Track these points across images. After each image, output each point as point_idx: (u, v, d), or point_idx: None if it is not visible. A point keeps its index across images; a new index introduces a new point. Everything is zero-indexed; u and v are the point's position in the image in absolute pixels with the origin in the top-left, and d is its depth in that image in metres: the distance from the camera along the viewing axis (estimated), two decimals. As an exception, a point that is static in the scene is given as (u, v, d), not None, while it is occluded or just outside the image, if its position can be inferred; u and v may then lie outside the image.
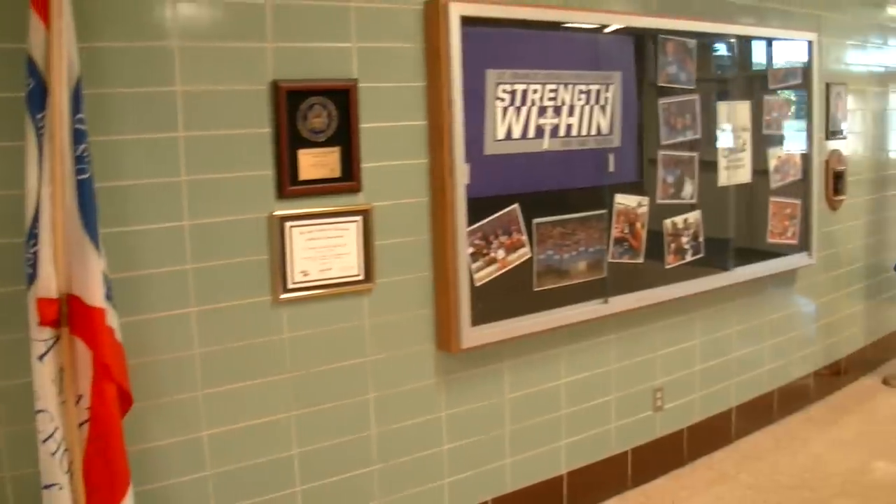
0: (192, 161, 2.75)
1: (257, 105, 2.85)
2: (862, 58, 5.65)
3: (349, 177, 3.00)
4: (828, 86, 5.17)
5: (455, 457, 3.47)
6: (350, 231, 3.02)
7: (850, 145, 5.53)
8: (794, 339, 5.16)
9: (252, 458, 2.97)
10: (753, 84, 4.48)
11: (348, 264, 3.01)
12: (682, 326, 4.35)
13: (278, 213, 2.92)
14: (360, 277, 3.06)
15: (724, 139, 4.33)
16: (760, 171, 4.57)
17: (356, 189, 3.04)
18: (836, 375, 5.64)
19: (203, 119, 2.75)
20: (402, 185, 3.22)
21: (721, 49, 4.31)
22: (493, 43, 3.30)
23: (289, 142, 2.85)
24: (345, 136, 2.97)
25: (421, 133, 3.21)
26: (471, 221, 3.28)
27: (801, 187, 4.83)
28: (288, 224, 2.88)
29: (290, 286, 2.91)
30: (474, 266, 3.31)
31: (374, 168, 3.12)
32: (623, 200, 3.81)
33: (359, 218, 3.03)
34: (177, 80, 2.69)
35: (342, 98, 2.95)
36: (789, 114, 4.67)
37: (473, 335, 3.31)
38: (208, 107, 2.76)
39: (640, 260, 3.92)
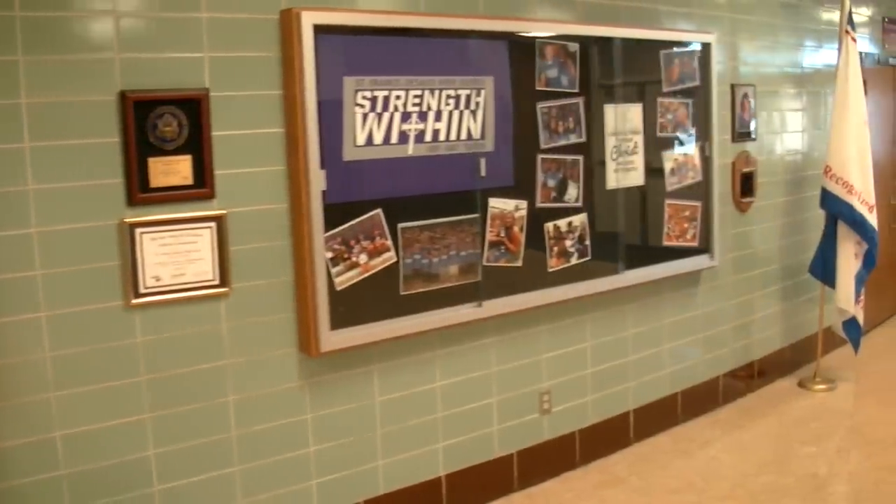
0: (40, 170, 3.01)
1: (106, 115, 3.12)
2: (774, 59, 5.99)
3: (202, 184, 3.28)
4: (733, 87, 5.44)
5: (323, 458, 3.76)
6: (203, 237, 3.30)
7: (762, 147, 5.86)
8: (699, 342, 5.49)
9: (108, 458, 3.22)
10: (646, 87, 4.77)
11: (202, 269, 3.29)
12: (570, 329, 4.66)
13: (128, 219, 3.18)
14: (216, 282, 3.33)
15: (613, 142, 4.59)
16: (656, 173, 4.82)
17: (209, 196, 3.31)
18: (750, 378, 5.98)
19: (50, 129, 3.01)
20: (259, 191, 3.49)
21: (610, 52, 4.58)
22: (351, 50, 3.58)
23: (138, 150, 3.12)
24: (196, 144, 3.25)
25: (278, 140, 3.49)
26: (330, 226, 3.56)
27: (701, 189, 5.09)
28: (138, 230, 3.16)
29: (142, 291, 3.19)
30: (334, 270, 3.60)
31: (230, 175, 3.39)
32: (498, 204, 4.11)
33: (212, 224, 3.31)
34: (21, 93, 2.95)
35: (193, 107, 3.22)
36: (687, 116, 4.95)
37: (334, 339, 3.59)
38: (55, 117, 3.02)
39: (519, 263, 4.22)
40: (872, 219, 5.70)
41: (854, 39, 5.68)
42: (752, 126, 5.67)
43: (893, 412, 5.58)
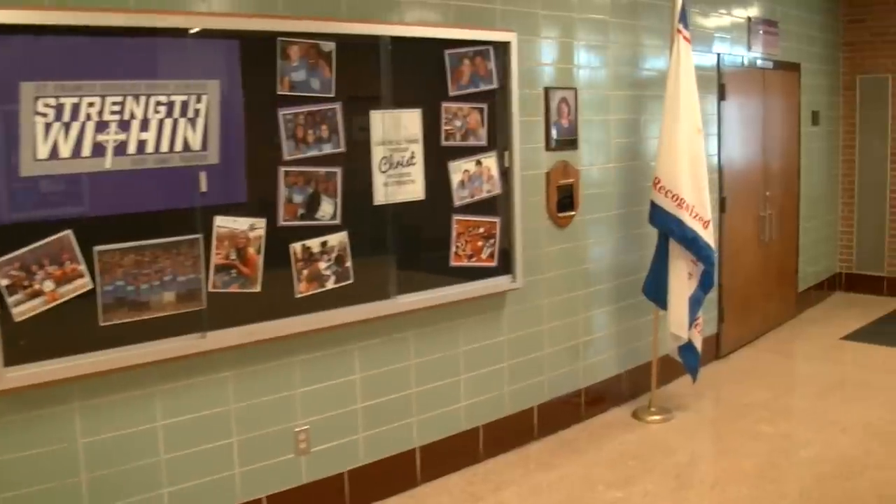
0: None
1: None
2: (604, 60, 6.02)
3: None
4: (548, 91, 5.41)
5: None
6: None
7: (587, 156, 5.89)
8: (506, 370, 5.50)
9: None
10: (428, 90, 4.71)
11: None
12: (333, 360, 4.64)
13: None
14: None
15: (382, 152, 4.55)
16: (441, 186, 4.84)
17: None
18: (577, 407, 6.02)
19: None
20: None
21: (378, 51, 4.54)
22: (30, 53, 3.46)
23: None
24: None
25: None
26: (5, 250, 3.43)
27: (500, 203, 5.07)
28: None
29: None
30: (12, 300, 3.50)
31: None
32: (226, 223, 4.02)
33: None
34: None
35: None
36: (481, 122, 4.91)
37: (11, 376, 3.48)
38: None
39: (257, 289, 4.14)
40: (708, 235, 5.71)
41: (687, 39, 5.69)
42: (574, 133, 5.55)
43: (724, 447, 5.66)
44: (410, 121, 4.63)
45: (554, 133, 5.50)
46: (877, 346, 7.91)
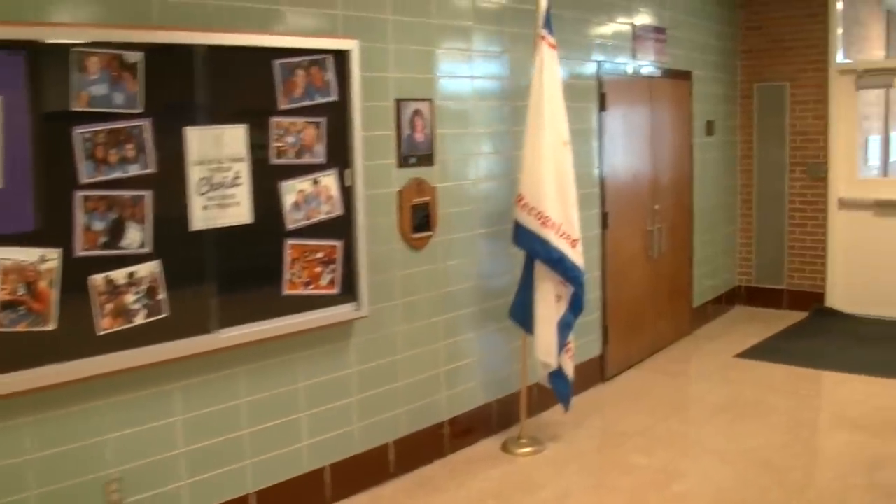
0: None
1: None
2: (466, 69, 5.86)
3: None
4: (399, 103, 5.15)
5: None
6: None
7: (447, 172, 5.70)
8: (356, 405, 5.27)
9: None
10: (255, 103, 4.42)
11: None
12: (148, 401, 4.34)
13: None
14: None
15: (200, 173, 4.27)
16: (272, 208, 4.60)
17: None
18: (440, 441, 5.82)
19: None
20: None
21: (192, 63, 4.26)
22: None
23: None
24: None
25: None
26: None
27: (342, 226, 4.82)
28: None
29: None
30: None
31: None
32: (11, 255, 3.70)
33: None
34: None
35: None
36: (318, 138, 4.63)
37: None
38: None
39: (52, 326, 3.80)
40: (576, 255, 5.51)
41: (552, 45, 5.48)
42: (430, 148, 5.31)
43: (593, 482, 5.51)
44: (234, 137, 4.34)
45: (406, 148, 5.15)
46: (770, 364, 7.88)
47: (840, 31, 9.34)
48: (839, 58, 9.34)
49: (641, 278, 7.71)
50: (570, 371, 5.78)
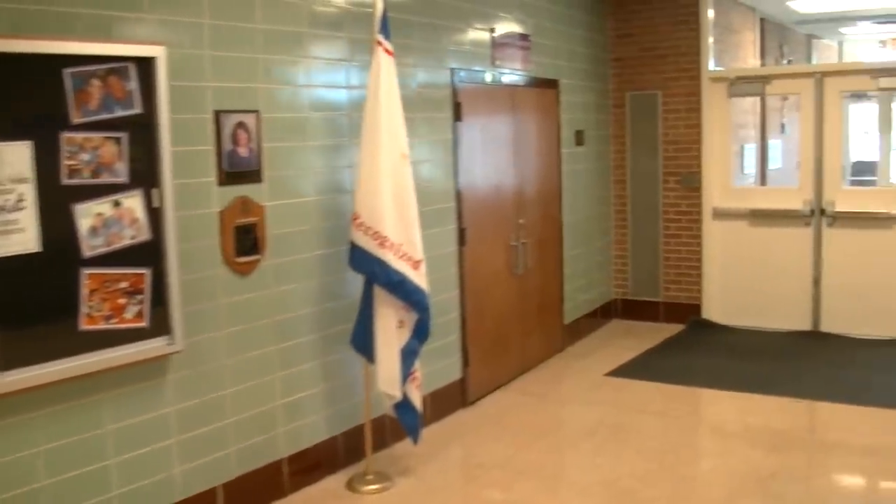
0: None
1: None
2: (298, 78, 5.51)
3: None
4: (219, 115, 4.76)
5: None
6: None
7: (278, 189, 5.32)
8: (174, 448, 4.83)
9: None
10: (41, 118, 3.93)
11: None
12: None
13: None
14: None
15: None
16: (65, 234, 4.17)
17: None
18: (277, 481, 5.43)
19: None
20: None
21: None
22: None
23: None
24: None
25: None
26: None
27: (150, 252, 4.42)
28: None
29: None
30: None
31: None
32: None
33: None
34: None
35: None
36: (119, 155, 4.16)
37: None
38: None
39: None
40: (419, 278, 5.13)
41: (389, 52, 5.12)
42: (257, 164, 5.02)
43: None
44: (15, 156, 3.88)
45: (228, 164, 4.70)
46: (641, 383, 7.68)
47: (711, 38, 9.14)
48: (711, 65, 9.13)
49: (506, 296, 7.38)
50: (417, 401, 5.43)
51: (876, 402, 6.81)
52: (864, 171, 14.95)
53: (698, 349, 8.70)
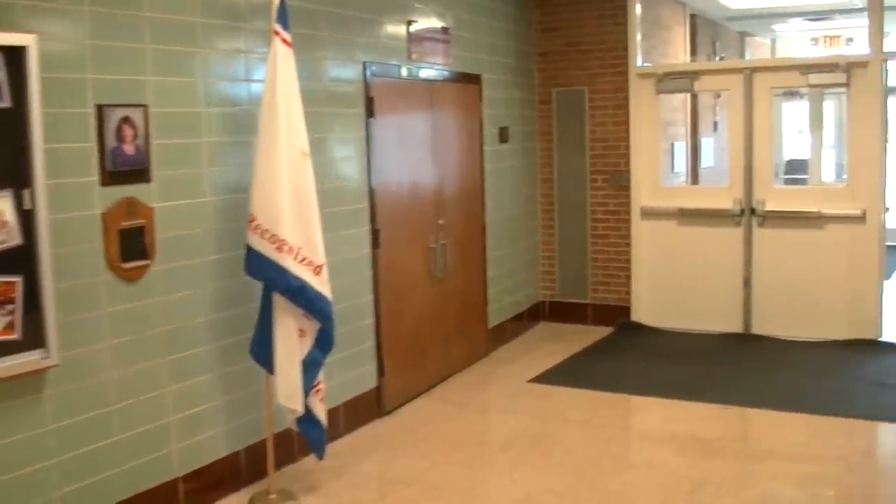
0: None
1: None
2: (194, 71, 5.18)
3: None
4: (101, 109, 4.57)
5: None
6: None
7: (167, 190, 4.99)
8: (55, 469, 4.48)
9: None
10: None
11: None
12: None
13: None
14: None
15: None
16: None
17: None
18: (171, 500, 5.12)
19: None
20: None
21: None
22: None
23: None
24: None
25: None
26: None
27: (22, 258, 4.17)
28: None
29: None
30: None
31: None
32: None
33: None
34: None
35: None
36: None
37: None
38: None
39: None
40: (321, 284, 4.84)
41: (287, 42, 4.83)
42: (145, 162, 4.81)
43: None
44: None
45: (111, 163, 4.38)
46: (565, 389, 7.48)
47: (639, 34, 8.94)
48: (639, 61, 8.93)
49: (425, 300, 7.11)
50: (321, 415, 5.19)
51: (807, 408, 6.70)
52: (798, 170, 14.96)
53: (626, 353, 8.52)
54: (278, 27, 4.90)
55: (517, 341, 8.98)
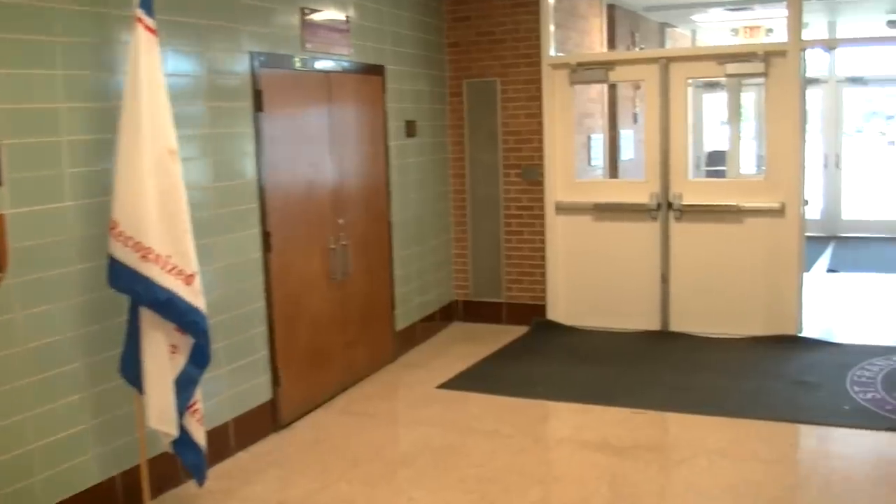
0: None
1: None
2: (46, 62, 4.71)
3: None
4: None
5: None
6: None
7: (19, 194, 4.53)
8: None
9: None
10: None
11: None
12: None
13: None
14: None
15: None
16: None
17: None
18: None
19: None
20: None
21: None
22: None
23: None
24: None
25: None
26: None
27: None
28: None
29: None
30: None
31: None
32: None
33: None
34: None
35: None
36: None
37: None
38: None
39: None
40: (193, 295, 4.42)
41: (151, 30, 4.42)
42: None
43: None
44: None
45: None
46: (475, 395, 7.15)
47: (553, 24, 8.59)
48: (552, 51, 8.56)
49: (323, 305, 6.71)
50: (199, 437, 4.79)
51: (726, 410, 6.50)
52: (719, 161, 14.88)
53: (540, 354, 8.26)
54: (141, 13, 4.51)
55: (428, 344, 8.62)
